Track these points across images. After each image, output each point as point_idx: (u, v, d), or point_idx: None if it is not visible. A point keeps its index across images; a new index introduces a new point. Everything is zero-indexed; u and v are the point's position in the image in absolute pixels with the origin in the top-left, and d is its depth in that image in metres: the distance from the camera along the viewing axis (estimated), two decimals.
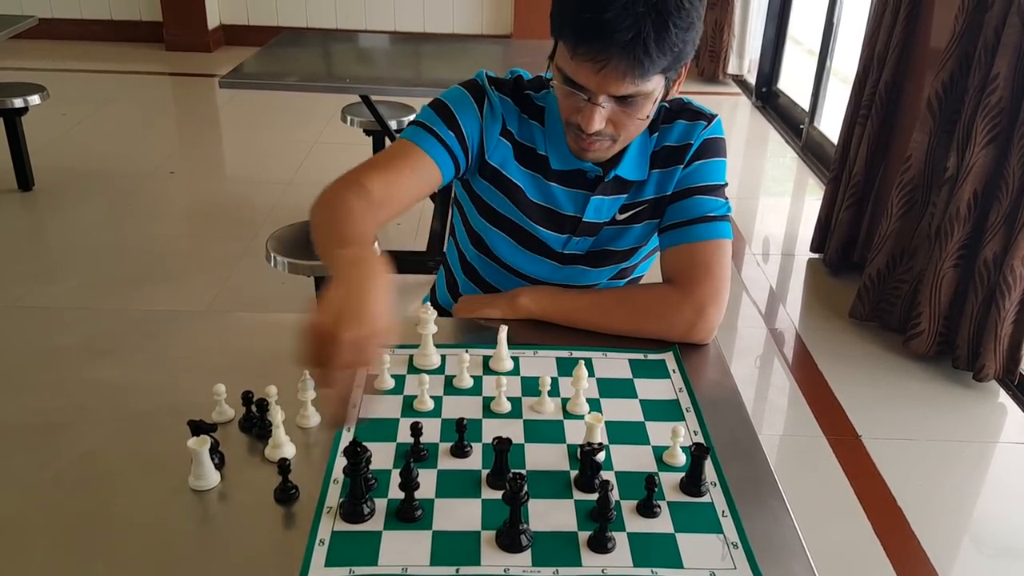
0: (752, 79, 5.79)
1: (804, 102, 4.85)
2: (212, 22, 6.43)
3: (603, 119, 1.18)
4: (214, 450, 1.01)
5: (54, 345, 1.27)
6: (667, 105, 1.32)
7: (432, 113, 1.32)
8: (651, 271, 1.47)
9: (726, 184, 1.36)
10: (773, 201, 4.40)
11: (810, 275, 3.53)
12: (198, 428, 1.00)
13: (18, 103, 3.75)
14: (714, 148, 1.34)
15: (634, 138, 1.26)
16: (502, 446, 0.98)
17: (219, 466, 1.01)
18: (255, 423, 1.08)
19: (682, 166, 1.33)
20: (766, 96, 5.59)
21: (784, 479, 1.06)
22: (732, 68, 5.94)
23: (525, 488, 0.89)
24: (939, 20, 2.93)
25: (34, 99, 3.79)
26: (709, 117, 1.35)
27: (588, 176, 1.33)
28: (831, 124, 4.42)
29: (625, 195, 1.35)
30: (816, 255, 3.57)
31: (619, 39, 1.08)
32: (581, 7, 1.10)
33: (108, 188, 4.08)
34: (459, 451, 1.04)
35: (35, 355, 1.24)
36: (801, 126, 4.84)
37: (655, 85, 1.16)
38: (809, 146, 4.72)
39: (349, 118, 3.59)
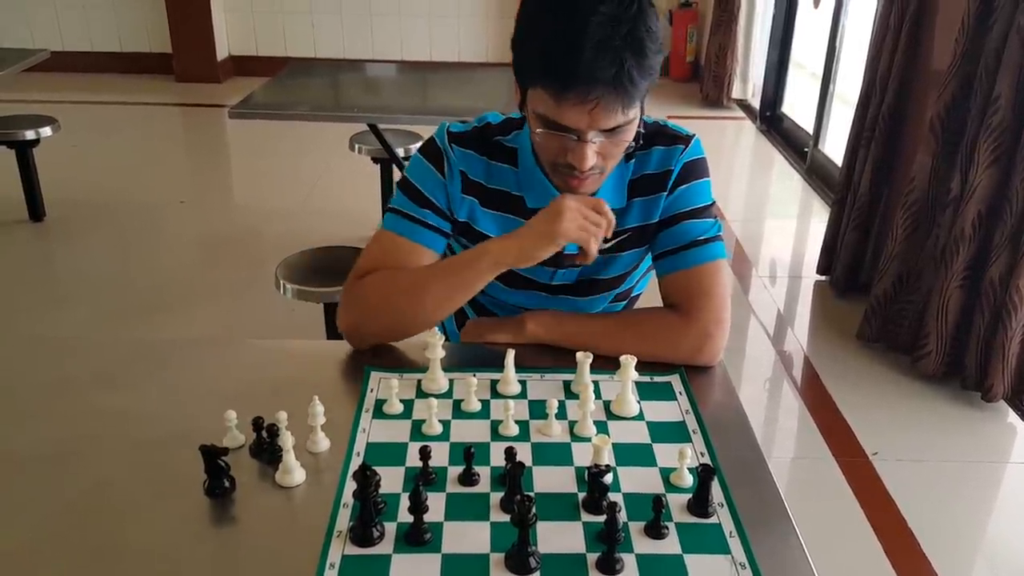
0: (756, 103, 5.81)
1: (808, 125, 4.87)
2: (221, 53, 6.50)
3: (595, 154, 1.18)
4: (225, 474, 1.02)
5: (65, 374, 1.29)
6: (642, 131, 1.31)
7: (404, 198, 1.35)
8: (651, 285, 1.47)
9: (713, 203, 1.36)
10: (779, 224, 4.41)
11: (817, 297, 3.53)
12: (209, 453, 1.01)
13: (30, 135, 3.81)
14: (696, 170, 1.34)
15: (618, 161, 1.27)
16: (515, 471, 0.98)
17: (230, 490, 1.02)
18: (265, 449, 1.09)
19: (665, 193, 1.33)
20: (770, 120, 5.61)
21: (794, 501, 1.06)
22: (736, 93, 5.97)
23: (533, 510, 0.90)
24: (940, 42, 2.96)
25: (46, 131, 3.84)
26: (686, 139, 1.34)
27: None
28: (835, 147, 4.44)
29: None
30: (823, 277, 3.57)
31: (604, 76, 1.09)
32: (556, 53, 1.11)
33: (118, 218, 4.12)
34: (467, 479, 1.04)
35: (46, 384, 1.26)
36: (805, 149, 4.86)
37: (636, 110, 1.17)
38: (814, 169, 4.74)
39: (357, 146, 3.62)
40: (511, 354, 1.22)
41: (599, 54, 1.09)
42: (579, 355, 1.20)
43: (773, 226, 4.36)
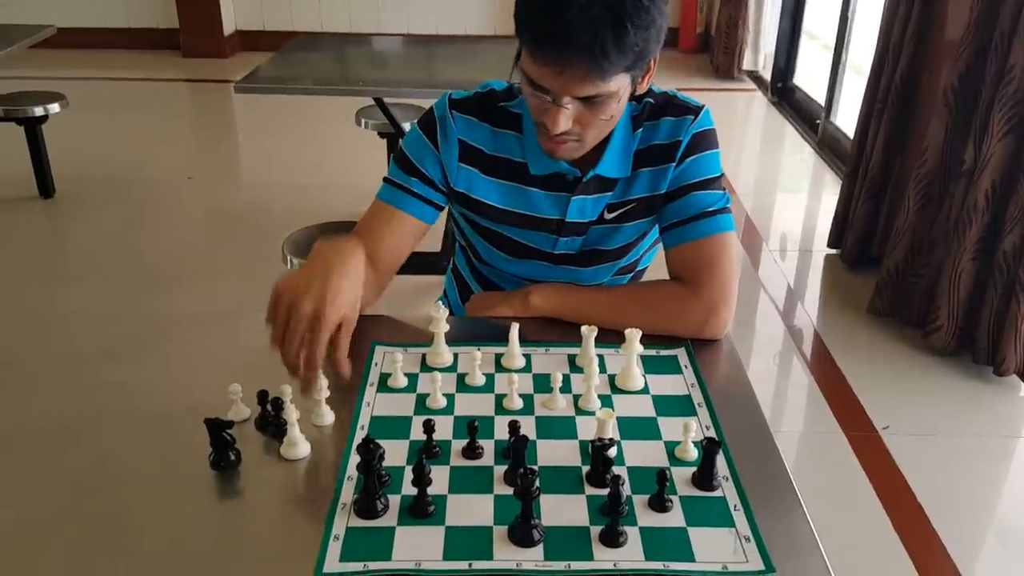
0: (767, 75, 5.75)
1: (820, 97, 4.82)
2: (228, 28, 6.47)
3: (568, 120, 1.17)
4: (230, 447, 1.03)
5: (71, 349, 1.29)
6: (652, 101, 1.31)
7: (397, 168, 1.37)
8: (658, 259, 1.46)
9: (722, 175, 1.35)
10: (790, 197, 4.38)
11: (828, 271, 3.51)
12: (215, 426, 1.01)
13: (38, 111, 3.80)
14: (705, 141, 1.32)
15: (602, 137, 1.26)
16: (519, 444, 0.98)
17: (236, 463, 1.03)
18: (271, 422, 1.09)
19: (674, 164, 1.31)
20: (782, 91, 5.55)
21: (803, 476, 1.06)
22: (747, 64, 5.90)
23: (536, 483, 0.90)
24: (954, 11, 2.91)
25: (54, 107, 3.84)
26: (695, 110, 1.33)
27: (567, 178, 1.32)
28: (848, 118, 4.39)
29: (610, 193, 1.34)
30: (834, 251, 3.54)
31: (577, 42, 1.08)
32: (540, 10, 1.10)
33: (127, 194, 4.13)
34: (471, 452, 1.04)
35: (52, 359, 1.27)
36: (817, 121, 4.81)
37: (618, 84, 1.15)
38: (826, 141, 4.69)
39: (363, 121, 3.61)
40: (515, 328, 1.22)
41: (577, 19, 1.07)
42: (584, 329, 1.19)
43: (784, 199, 4.33)
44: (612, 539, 0.91)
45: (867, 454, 2.39)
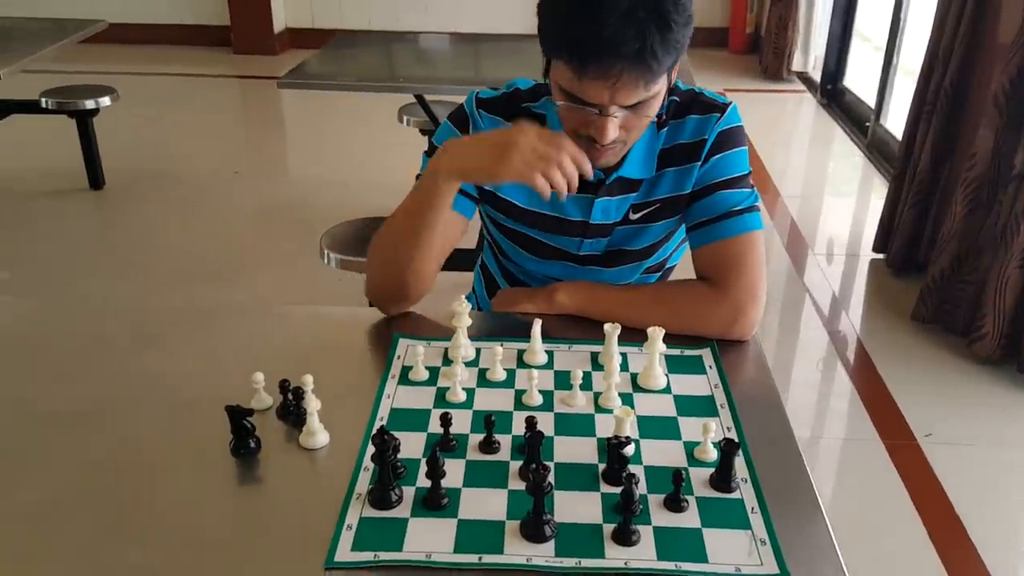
0: (817, 76, 5.66)
1: (870, 99, 4.73)
2: (278, 26, 6.56)
3: (616, 128, 1.16)
4: (250, 435, 1.04)
5: (108, 337, 1.32)
6: (677, 99, 1.30)
7: (427, 162, 1.34)
8: (687, 257, 1.44)
9: (749, 172, 1.32)
10: (837, 201, 4.30)
11: (873, 276, 3.44)
12: (235, 414, 1.03)
13: (89, 105, 3.89)
14: (732, 139, 1.30)
15: (642, 132, 1.25)
16: (534, 440, 0.98)
17: (255, 450, 1.04)
18: (291, 411, 1.10)
19: (699, 163, 1.30)
20: (831, 93, 5.46)
21: (840, 483, 1.04)
22: (797, 65, 5.81)
23: (548, 479, 0.90)
24: (1007, 13, 2.83)
25: (105, 101, 3.92)
26: (722, 107, 1.31)
27: (590, 180, 1.31)
28: (898, 122, 4.29)
29: (634, 194, 1.33)
30: (879, 255, 3.47)
31: (626, 51, 1.06)
32: (579, 26, 1.08)
33: (175, 187, 4.20)
34: (487, 447, 1.04)
35: (89, 346, 1.29)
36: (867, 124, 4.72)
37: (662, 84, 1.15)
38: (875, 144, 4.60)
39: (405, 118, 3.62)
40: (537, 324, 1.21)
41: (621, 28, 1.05)
42: (607, 326, 1.18)
43: (831, 203, 4.26)
44: (624, 537, 0.91)
45: (906, 463, 2.34)
